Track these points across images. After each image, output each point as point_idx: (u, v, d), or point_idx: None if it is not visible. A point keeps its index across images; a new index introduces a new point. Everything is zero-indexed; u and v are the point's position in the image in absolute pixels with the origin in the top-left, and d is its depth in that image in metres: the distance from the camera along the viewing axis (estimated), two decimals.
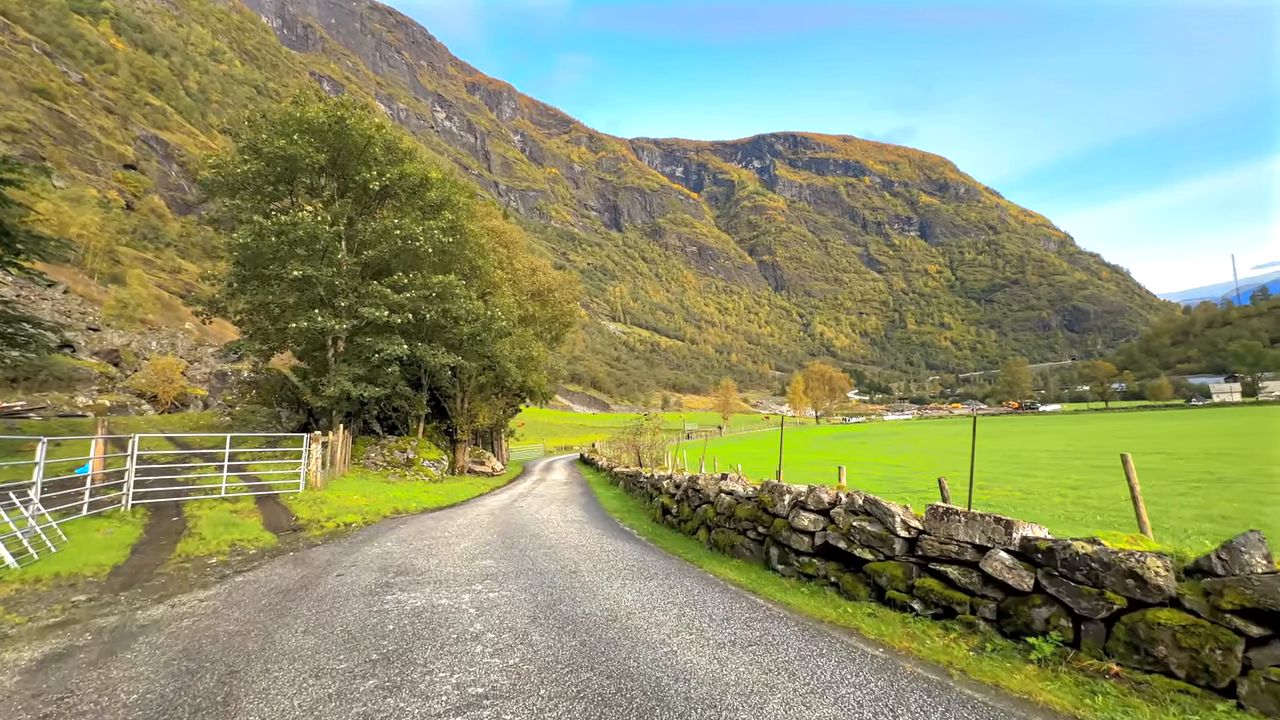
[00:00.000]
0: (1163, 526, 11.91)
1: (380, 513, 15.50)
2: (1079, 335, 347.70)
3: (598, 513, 14.79)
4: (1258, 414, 75.58)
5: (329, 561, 8.86)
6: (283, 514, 14.76)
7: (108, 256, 70.22)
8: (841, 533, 5.91)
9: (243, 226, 19.89)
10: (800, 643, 4.87)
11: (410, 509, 16.50)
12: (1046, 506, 14.32)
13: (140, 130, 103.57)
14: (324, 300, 21.78)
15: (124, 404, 43.86)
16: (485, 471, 36.10)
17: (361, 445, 26.55)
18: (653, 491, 13.23)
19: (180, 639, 5.49)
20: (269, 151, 20.43)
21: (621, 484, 20.64)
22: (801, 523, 6.46)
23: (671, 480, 11.10)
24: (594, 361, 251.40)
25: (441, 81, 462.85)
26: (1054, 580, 4.30)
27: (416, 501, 17.90)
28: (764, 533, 7.30)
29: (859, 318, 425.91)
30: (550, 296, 34.28)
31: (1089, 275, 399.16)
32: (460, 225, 24.36)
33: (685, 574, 7.32)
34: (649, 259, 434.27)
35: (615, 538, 10.32)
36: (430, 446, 28.32)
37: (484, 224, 30.94)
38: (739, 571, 7.19)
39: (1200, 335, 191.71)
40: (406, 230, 21.31)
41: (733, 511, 7.90)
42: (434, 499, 18.96)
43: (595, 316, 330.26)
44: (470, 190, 27.62)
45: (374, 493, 18.39)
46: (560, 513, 14.93)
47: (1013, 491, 18.13)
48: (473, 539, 10.53)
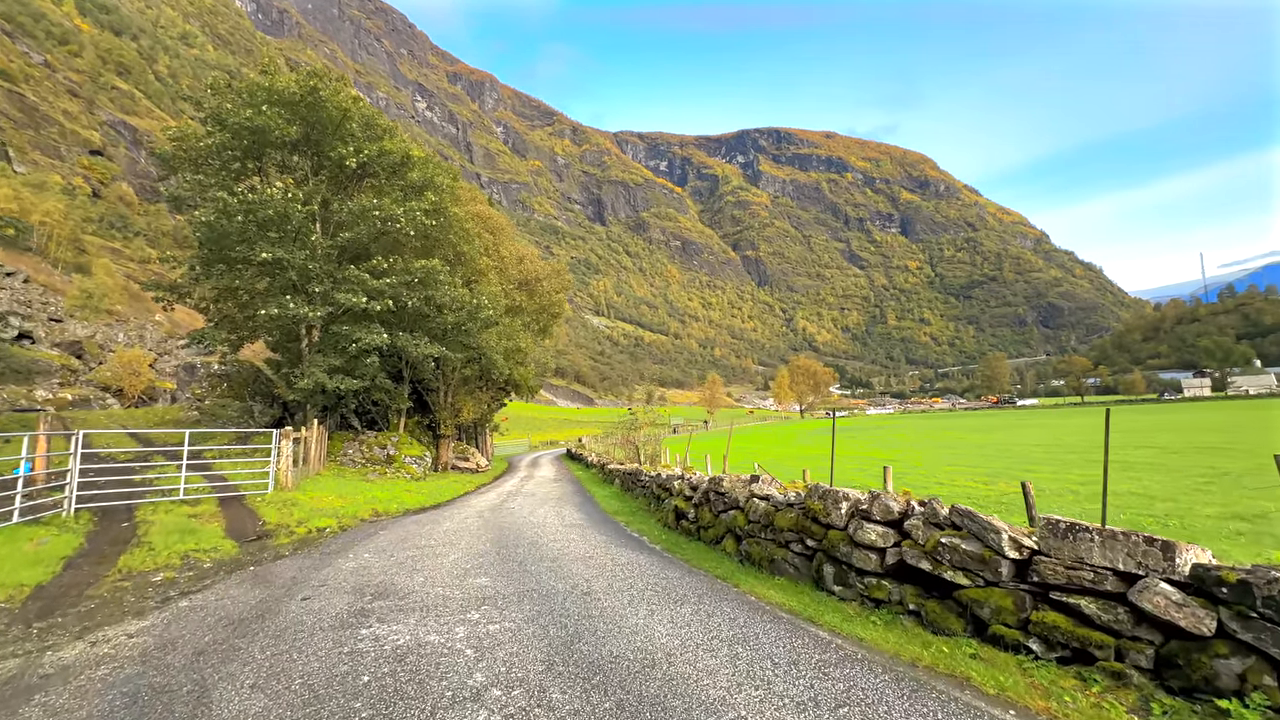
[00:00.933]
0: (1195, 528, 11.17)
1: (358, 516, 14.14)
2: (1053, 331, 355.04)
3: (597, 515, 13.62)
4: (1230, 408, 77.30)
5: (295, 579, 7.56)
6: (248, 518, 13.34)
7: (72, 245, 66.74)
8: (924, 551, 4.84)
9: (206, 204, 18.21)
10: (903, 702, 3.76)
11: (391, 511, 15.14)
12: (1068, 505, 13.55)
13: (107, 115, 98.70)
14: (296, 286, 20.17)
15: (87, 398, 41.64)
16: (470, 468, 34.68)
17: (338, 441, 25.00)
18: (660, 492, 12.08)
19: (88, 700, 4.20)
20: (235, 123, 18.72)
21: (618, 482, 19.48)
22: (866, 537, 5.39)
23: (685, 481, 9.93)
24: (578, 356, 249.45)
25: (422, 71, 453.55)
26: (1249, 624, 3.28)
27: (398, 502, 16.54)
28: (813, 546, 6.17)
29: (841, 313, 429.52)
30: (538, 286, 32.85)
31: (1063, 272, 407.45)
32: (444, 208, 22.87)
33: (721, 596, 6.16)
34: (633, 253, 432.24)
35: (625, 546, 9.15)
36: (412, 442, 26.85)
37: (469, 209, 29.42)
38: (785, 593, 6.06)
39: (1170, 331, 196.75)
40: (386, 211, 19.78)
41: (770, 520, 6.78)
42: (417, 499, 17.61)
43: (579, 310, 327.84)
44: (454, 172, 26.09)
45: (351, 493, 16.98)
46: (556, 515, 13.73)
47: (1019, 487, 17.40)
48: (463, 549, 9.28)
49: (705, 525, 8.74)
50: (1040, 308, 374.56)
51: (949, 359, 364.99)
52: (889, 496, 5.43)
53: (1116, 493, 15.98)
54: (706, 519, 8.69)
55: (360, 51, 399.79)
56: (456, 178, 25.96)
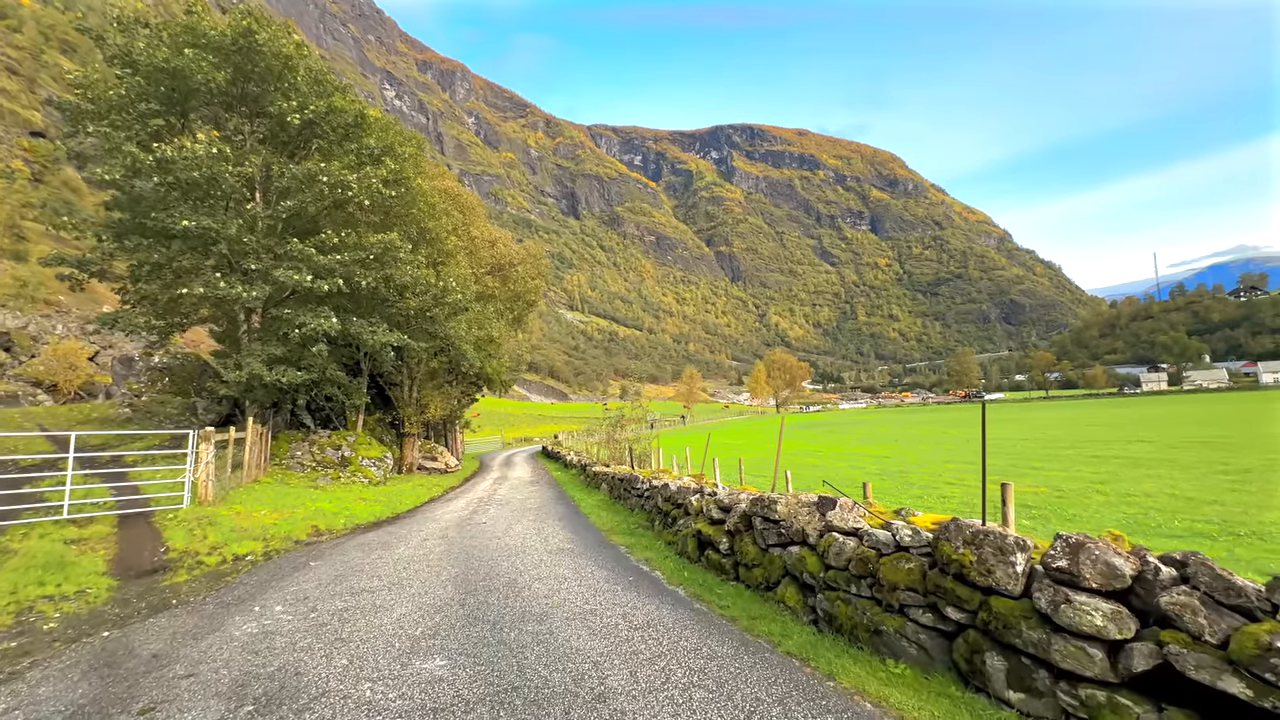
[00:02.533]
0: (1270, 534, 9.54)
1: (293, 536, 11.54)
2: (1015, 328, 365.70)
3: (589, 533, 11.31)
4: (1192, 402, 79.47)
5: (157, 657, 5.09)
6: (149, 543, 10.66)
7: (10, 232, 61.06)
8: (1223, 657, 2.72)
9: (111, 160, 15.16)
10: None
11: (336, 528, 12.56)
12: (1103, 509, 11.85)
13: (50, 93, 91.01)
14: (231, 262, 17.24)
15: (14, 394, 37.62)
16: (438, 468, 31.92)
17: (285, 442, 22.06)
18: (669, 509, 9.79)
19: None
20: (149, 65, 15.69)
21: (605, 488, 17.18)
22: (1079, 618, 3.26)
23: (710, 498, 7.59)
24: (552, 350, 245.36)
25: (391, 58, 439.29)
26: None
27: (347, 514, 13.94)
28: (960, 621, 4.04)
29: (812, 309, 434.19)
30: (512, 272, 30.14)
31: (1025, 270, 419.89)
32: (406, 178, 20.12)
33: (812, 697, 3.99)
34: (607, 247, 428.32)
35: (637, 590, 6.83)
36: (371, 442, 24.01)
37: (437, 184, 26.61)
38: (917, 694, 3.91)
39: (1125, 328, 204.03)
40: (336, 177, 16.99)
41: (871, 570, 4.66)
42: (371, 510, 15.03)
43: (553, 305, 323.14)
44: (419, 140, 23.26)
45: (292, 505, 14.31)
46: (538, 533, 11.40)
47: (1039, 488, 15.79)
48: (415, 594, 6.88)
49: (749, 563, 6.46)
50: (1003, 305, 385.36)
51: (916, 354, 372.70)
52: (1104, 547, 3.32)
53: (1147, 494, 14.46)
54: (750, 554, 6.42)
55: (325, 36, 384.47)
56: (422, 147, 23.15)
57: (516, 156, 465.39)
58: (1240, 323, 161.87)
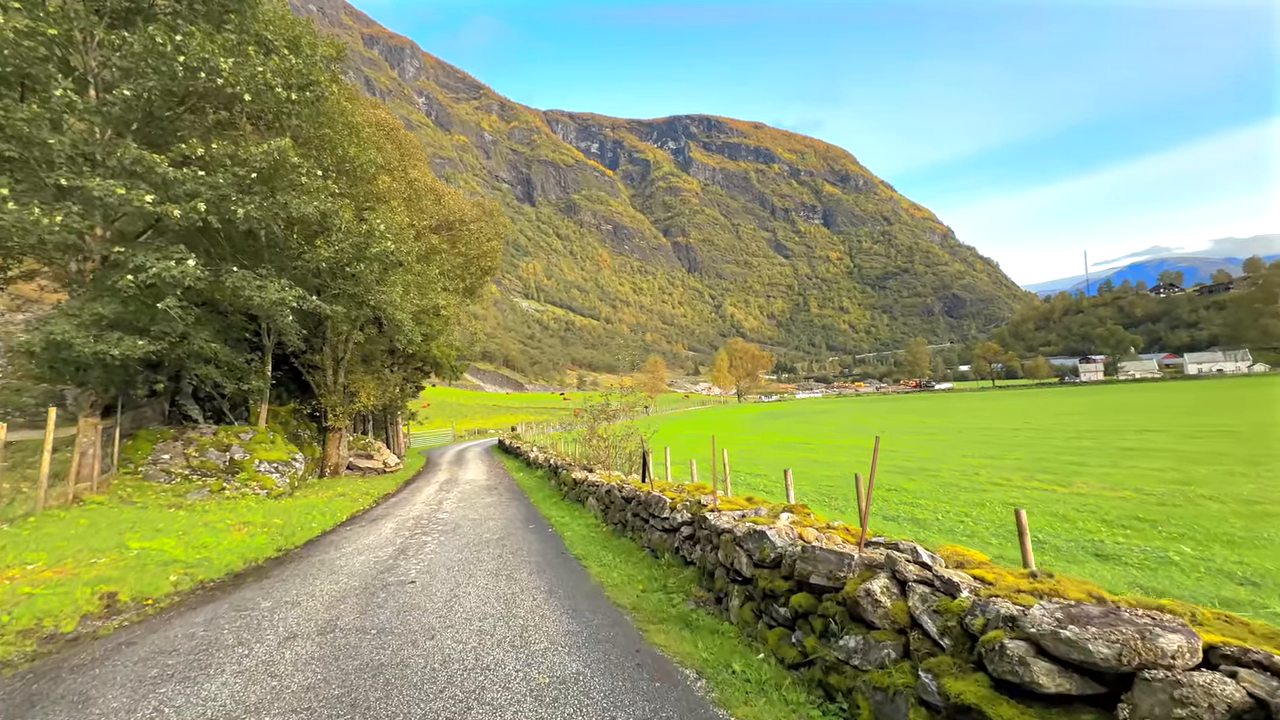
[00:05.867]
0: None
1: (79, 609, 6.49)
2: (957, 321, 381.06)
3: (598, 614, 6.63)
4: (1134, 390, 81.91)
5: None
6: None
7: None
8: None
9: None
10: None
11: (158, 591, 7.43)
12: (1211, 520, 8.39)
13: None
14: (38, 179, 11.60)
15: None
16: (374, 468, 26.45)
17: (146, 441, 16.37)
18: (748, 570, 5.33)
19: None
20: None
21: (593, 503, 12.64)
22: None
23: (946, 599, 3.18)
24: (507, 339, 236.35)
25: (334, 30, 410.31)
26: None
27: (199, 557, 8.87)
28: None
29: (767, 300, 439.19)
30: (463, 231, 24.83)
31: (966, 266, 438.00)
32: (316, 82, 14.75)
33: None
34: (563, 236, 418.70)
35: None
36: (276, 440, 18.50)
37: (368, 113, 21.10)
38: None
39: (1058, 321, 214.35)
40: (197, 54, 11.59)
41: None
42: (246, 545, 9.95)
43: (508, 293, 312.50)
44: (340, 47, 17.77)
45: (109, 543, 9.09)
46: (505, 596, 6.84)
47: (1120, 491, 12.41)
48: None
49: None
50: (946, 298, 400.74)
51: (865, 345, 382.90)
52: None
53: (1211, 496, 11.43)
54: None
55: None
56: (342, 52, 17.64)
57: (470, 140, 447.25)
58: (1161, 317, 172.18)
